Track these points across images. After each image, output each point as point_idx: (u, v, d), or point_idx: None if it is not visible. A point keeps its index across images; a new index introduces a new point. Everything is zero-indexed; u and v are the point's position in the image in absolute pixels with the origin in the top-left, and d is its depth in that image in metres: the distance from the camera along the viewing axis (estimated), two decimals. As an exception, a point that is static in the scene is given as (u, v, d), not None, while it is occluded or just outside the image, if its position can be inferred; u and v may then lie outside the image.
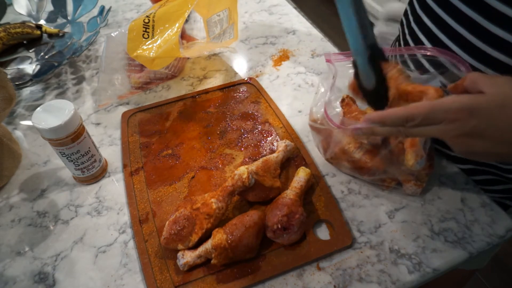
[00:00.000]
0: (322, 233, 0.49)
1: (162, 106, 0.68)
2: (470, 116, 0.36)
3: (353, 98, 0.55)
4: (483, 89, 0.37)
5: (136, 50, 0.62)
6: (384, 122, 0.40)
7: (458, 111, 0.36)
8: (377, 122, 0.40)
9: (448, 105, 0.36)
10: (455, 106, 0.36)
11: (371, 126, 0.41)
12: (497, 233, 0.47)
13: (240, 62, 0.79)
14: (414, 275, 0.44)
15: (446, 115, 0.36)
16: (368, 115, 0.40)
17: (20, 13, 0.90)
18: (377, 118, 0.40)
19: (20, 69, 0.78)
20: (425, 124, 0.38)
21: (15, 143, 0.62)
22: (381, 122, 0.40)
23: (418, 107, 0.37)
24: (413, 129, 0.39)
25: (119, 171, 0.58)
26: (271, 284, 0.45)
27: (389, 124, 0.40)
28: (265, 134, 0.61)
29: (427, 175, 0.50)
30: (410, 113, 0.37)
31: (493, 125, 0.36)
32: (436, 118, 0.37)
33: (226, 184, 0.48)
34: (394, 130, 0.40)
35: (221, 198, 0.47)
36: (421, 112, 0.37)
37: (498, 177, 0.59)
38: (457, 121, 0.36)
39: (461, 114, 0.36)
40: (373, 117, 0.40)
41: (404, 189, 0.51)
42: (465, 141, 0.38)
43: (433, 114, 0.37)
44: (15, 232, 0.52)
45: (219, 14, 0.73)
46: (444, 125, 0.37)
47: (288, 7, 0.95)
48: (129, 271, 0.47)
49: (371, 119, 0.40)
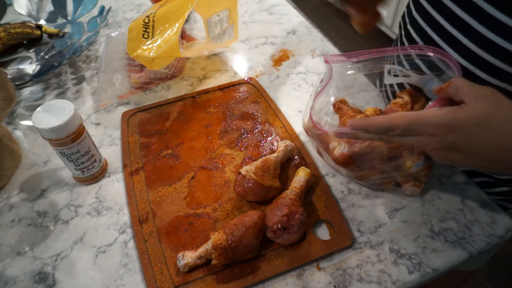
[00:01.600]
0: (322, 233, 0.49)
1: (162, 106, 0.68)
2: (448, 132, 0.37)
3: (343, 101, 0.55)
4: (465, 99, 0.37)
5: (136, 50, 0.62)
6: (367, 130, 0.41)
7: (437, 126, 0.37)
8: (360, 129, 0.41)
9: (428, 119, 0.37)
10: (435, 121, 0.37)
11: (354, 131, 0.42)
12: (497, 233, 0.47)
13: (240, 62, 0.79)
14: (414, 275, 0.44)
15: (425, 129, 0.37)
16: (352, 121, 0.42)
17: (20, 13, 0.90)
18: (360, 125, 0.41)
19: (20, 69, 0.78)
20: (406, 134, 0.39)
21: (15, 143, 0.62)
22: (364, 129, 0.41)
23: (399, 118, 0.39)
24: (394, 138, 0.40)
25: (119, 171, 0.58)
26: (271, 284, 0.45)
27: (372, 132, 0.41)
28: (265, 134, 0.61)
29: (426, 176, 0.50)
30: (392, 124, 0.39)
31: (471, 143, 0.37)
32: (416, 130, 0.38)
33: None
34: (377, 137, 0.41)
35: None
36: (402, 123, 0.38)
37: (493, 180, 0.60)
38: (436, 135, 0.37)
39: (439, 129, 0.37)
40: (357, 124, 0.41)
41: (403, 190, 0.51)
42: (444, 154, 0.39)
43: (414, 126, 0.38)
44: (15, 232, 0.52)
45: (219, 14, 0.73)
46: (424, 137, 0.38)
47: (288, 7, 0.95)
48: (129, 271, 0.47)
49: (355, 125, 0.42)
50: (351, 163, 0.49)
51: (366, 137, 0.42)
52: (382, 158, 0.48)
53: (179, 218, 0.51)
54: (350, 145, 0.48)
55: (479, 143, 0.37)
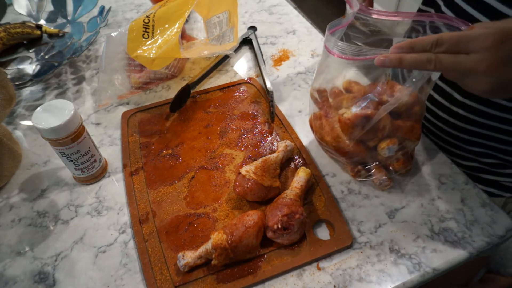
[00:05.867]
0: (322, 233, 0.49)
1: (162, 106, 0.68)
2: (503, 41, 0.35)
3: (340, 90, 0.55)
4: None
5: (136, 50, 0.62)
6: (413, 48, 0.38)
7: (488, 38, 0.35)
8: (406, 47, 0.39)
9: (477, 33, 0.36)
10: (487, 31, 0.35)
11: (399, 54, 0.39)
12: (497, 233, 0.47)
13: (240, 62, 0.79)
14: (414, 275, 0.44)
15: (476, 42, 0.35)
16: (397, 43, 0.39)
17: (20, 13, 0.90)
18: (406, 43, 0.39)
19: (20, 69, 0.78)
20: (454, 51, 0.37)
21: (15, 143, 0.62)
22: (410, 47, 0.39)
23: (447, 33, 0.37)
24: (443, 56, 0.37)
25: (119, 171, 0.58)
26: (271, 284, 0.45)
27: (418, 49, 0.38)
28: (265, 134, 0.61)
29: (403, 169, 0.52)
30: (439, 37, 0.37)
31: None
32: (466, 45, 0.36)
33: None
34: (424, 59, 0.38)
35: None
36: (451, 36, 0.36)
37: (504, 162, 0.60)
38: (489, 49, 0.35)
39: (492, 39, 0.35)
40: (401, 43, 0.39)
41: (373, 180, 0.52)
42: (500, 71, 0.36)
43: (464, 39, 0.36)
44: (15, 232, 0.52)
45: (219, 16, 0.73)
46: (476, 54, 0.36)
47: (288, 7, 0.95)
48: (129, 271, 0.47)
49: (401, 45, 0.39)
50: (357, 129, 0.48)
51: (411, 58, 0.38)
52: (383, 131, 0.48)
53: (179, 218, 0.51)
54: (362, 109, 0.48)
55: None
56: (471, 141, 0.60)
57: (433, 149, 0.58)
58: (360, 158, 0.52)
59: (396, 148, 0.49)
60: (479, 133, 0.59)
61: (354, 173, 0.54)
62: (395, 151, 0.49)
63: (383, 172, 0.52)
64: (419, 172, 0.55)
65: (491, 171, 0.62)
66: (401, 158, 0.51)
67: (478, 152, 0.61)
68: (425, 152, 0.58)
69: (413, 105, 0.48)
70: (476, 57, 0.36)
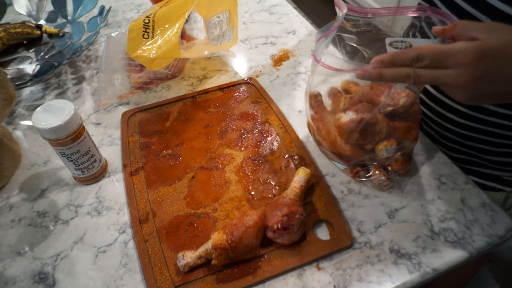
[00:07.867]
0: (322, 233, 0.49)
1: (162, 106, 0.68)
2: (480, 59, 0.36)
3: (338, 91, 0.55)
4: (479, 35, 0.37)
5: (136, 50, 0.62)
6: (393, 62, 0.39)
7: (469, 53, 0.36)
8: (387, 61, 0.39)
9: (458, 48, 0.36)
10: (467, 47, 0.36)
11: (379, 68, 0.40)
12: (497, 233, 0.47)
13: (240, 62, 0.79)
14: (414, 275, 0.44)
15: (456, 58, 0.36)
16: (377, 56, 0.40)
17: (20, 13, 0.90)
18: (387, 57, 0.39)
19: (20, 69, 0.78)
20: (434, 66, 0.38)
21: (15, 143, 0.62)
22: (391, 61, 0.39)
23: (427, 47, 0.38)
24: (422, 72, 0.38)
25: (119, 171, 0.58)
26: (271, 284, 0.45)
27: (399, 64, 0.39)
28: (265, 134, 0.61)
29: (402, 170, 0.52)
30: (420, 52, 0.37)
31: (503, 65, 0.36)
32: (445, 61, 0.37)
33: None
34: (403, 74, 0.39)
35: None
36: (431, 52, 0.37)
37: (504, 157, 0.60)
38: (468, 65, 0.36)
39: (471, 57, 0.36)
40: (383, 58, 0.39)
41: (372, 180, 0.52)
42: (477, 86, 0.37)
43: (443, 56, 0.37)
44: (15, 232, 0.52)
45: (219, 15, 0.72)
46: (455, 70, 0.37)
47: (288, 7, 0.95)
48: (129, 271, 0.47)
49: (382, 59, 0.39)
50: (355, 133, 0.48)
51: (392, 73, 0.40)
52: (380, 134, 0.48)
53: (179, 218, 0.51)
54: (358, 113, 0.48)
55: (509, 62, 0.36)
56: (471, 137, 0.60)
57: (433, 149, 0.58)
58: (358, 160, 0.52)
59: (395, 149, 0.49)
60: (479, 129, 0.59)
61: (353, 173, 0.54)
62: (394, 152, 0.49)
63: (382, 172, 0.52)
64: (419, 172, 0.55)
65: (492, 166, 0.62)
66: (399, 159, 0.51)
67: (478, 148, 0.61)
68: (425, 152, 0.58)
69: (411, 106, 0.48)
70: (454, 73, 0.37)
